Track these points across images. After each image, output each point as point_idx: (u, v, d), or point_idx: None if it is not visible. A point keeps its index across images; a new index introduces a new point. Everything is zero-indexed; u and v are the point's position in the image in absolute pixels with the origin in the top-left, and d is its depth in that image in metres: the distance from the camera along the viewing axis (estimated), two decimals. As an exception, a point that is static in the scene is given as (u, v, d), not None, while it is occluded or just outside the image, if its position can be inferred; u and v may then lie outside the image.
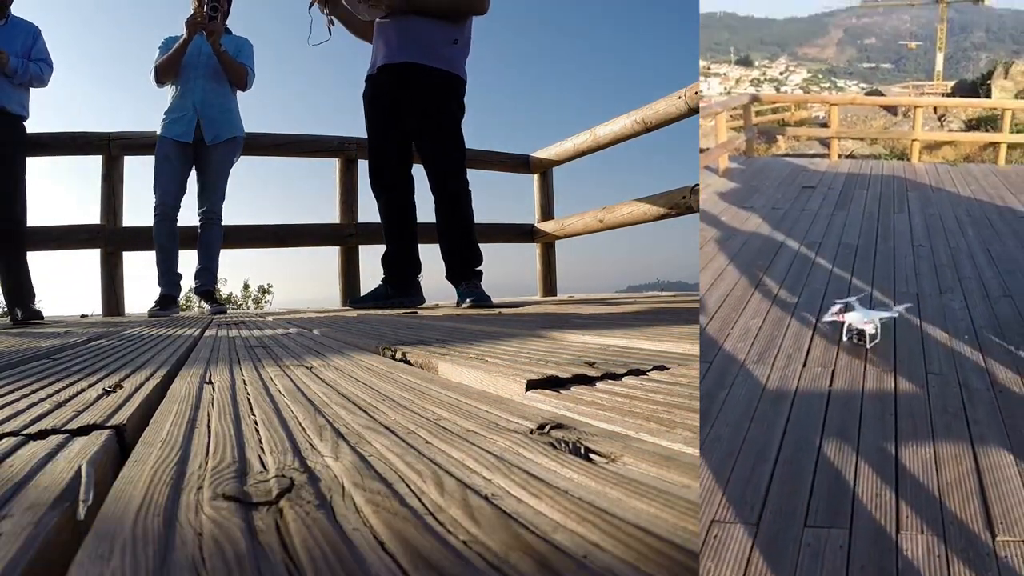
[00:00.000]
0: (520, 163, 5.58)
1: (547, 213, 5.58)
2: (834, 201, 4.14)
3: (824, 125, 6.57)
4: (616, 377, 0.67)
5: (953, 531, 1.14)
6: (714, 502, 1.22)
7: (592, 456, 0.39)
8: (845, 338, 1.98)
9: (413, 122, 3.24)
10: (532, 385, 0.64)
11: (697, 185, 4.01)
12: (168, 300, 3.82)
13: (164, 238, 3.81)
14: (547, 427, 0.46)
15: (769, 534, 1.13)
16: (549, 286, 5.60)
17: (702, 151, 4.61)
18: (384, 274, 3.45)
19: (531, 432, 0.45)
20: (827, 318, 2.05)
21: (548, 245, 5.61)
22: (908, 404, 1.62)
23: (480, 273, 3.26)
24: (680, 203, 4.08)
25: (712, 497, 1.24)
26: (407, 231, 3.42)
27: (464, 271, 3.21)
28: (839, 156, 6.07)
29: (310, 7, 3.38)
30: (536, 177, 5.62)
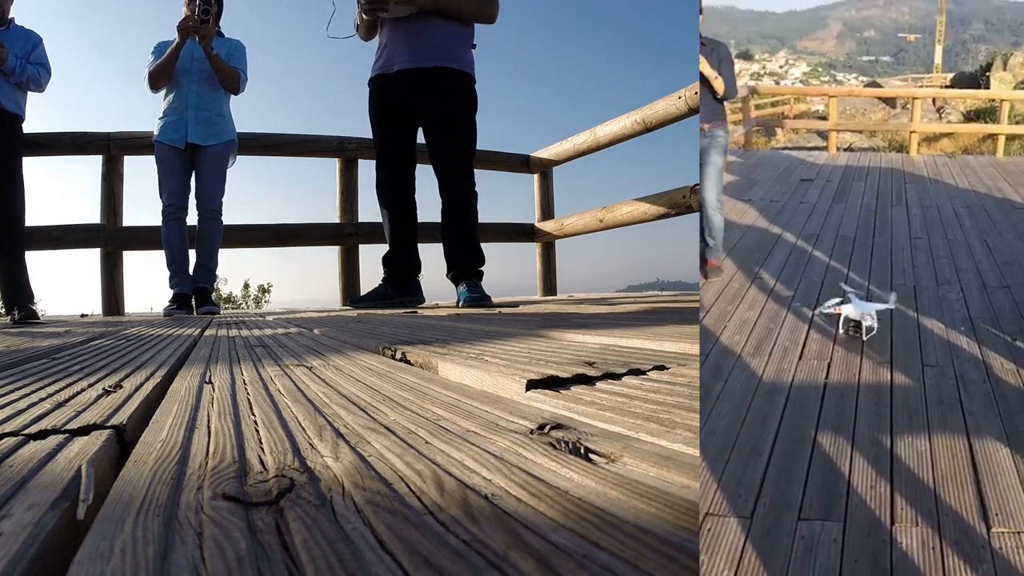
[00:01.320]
0: (520, 163, 5.58)
1: (547, 213, 5.58)
2: (832, 194, 4.14)
3: (823, 118, 6.59)
4: (616, 377, 0.67)
5: (948, 523, 1.13)
6: (708, 495, 1.22)
7: (592, 456, 0.39)
8: (842, 330, 1.97)
9: (432, 123, 3.24)
10: (532, 385, 0.63)
11: (697, 184, 4.01)
12: (183, 299, 3.83)
13: (175, 239, 3.83)
14: (547, 427, 0.46)
15: (763, 527, 1.13)
16: (549, 286, 5.59)
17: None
18: (384, 273, 3.45)
19: (531, 432, 0.45)
20: (823, 310, 2.06)
21: (548, 245, 5.61)
22: (904, 396, 1.61)
23: (481, 273, 3.26)
24: (680, 203, 4.07)
25: (707, 490, 1.23)
26: (409, 230, 3.42)
27: (466, 271, 3.21)
28: (837, 149, 6.04)
29: None
30: (536, 177, 5.61)
